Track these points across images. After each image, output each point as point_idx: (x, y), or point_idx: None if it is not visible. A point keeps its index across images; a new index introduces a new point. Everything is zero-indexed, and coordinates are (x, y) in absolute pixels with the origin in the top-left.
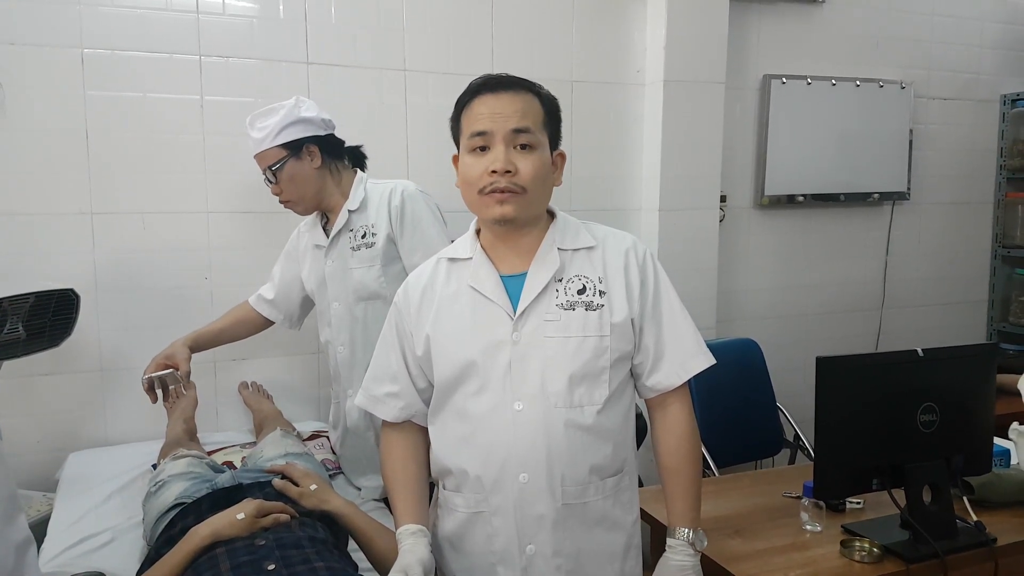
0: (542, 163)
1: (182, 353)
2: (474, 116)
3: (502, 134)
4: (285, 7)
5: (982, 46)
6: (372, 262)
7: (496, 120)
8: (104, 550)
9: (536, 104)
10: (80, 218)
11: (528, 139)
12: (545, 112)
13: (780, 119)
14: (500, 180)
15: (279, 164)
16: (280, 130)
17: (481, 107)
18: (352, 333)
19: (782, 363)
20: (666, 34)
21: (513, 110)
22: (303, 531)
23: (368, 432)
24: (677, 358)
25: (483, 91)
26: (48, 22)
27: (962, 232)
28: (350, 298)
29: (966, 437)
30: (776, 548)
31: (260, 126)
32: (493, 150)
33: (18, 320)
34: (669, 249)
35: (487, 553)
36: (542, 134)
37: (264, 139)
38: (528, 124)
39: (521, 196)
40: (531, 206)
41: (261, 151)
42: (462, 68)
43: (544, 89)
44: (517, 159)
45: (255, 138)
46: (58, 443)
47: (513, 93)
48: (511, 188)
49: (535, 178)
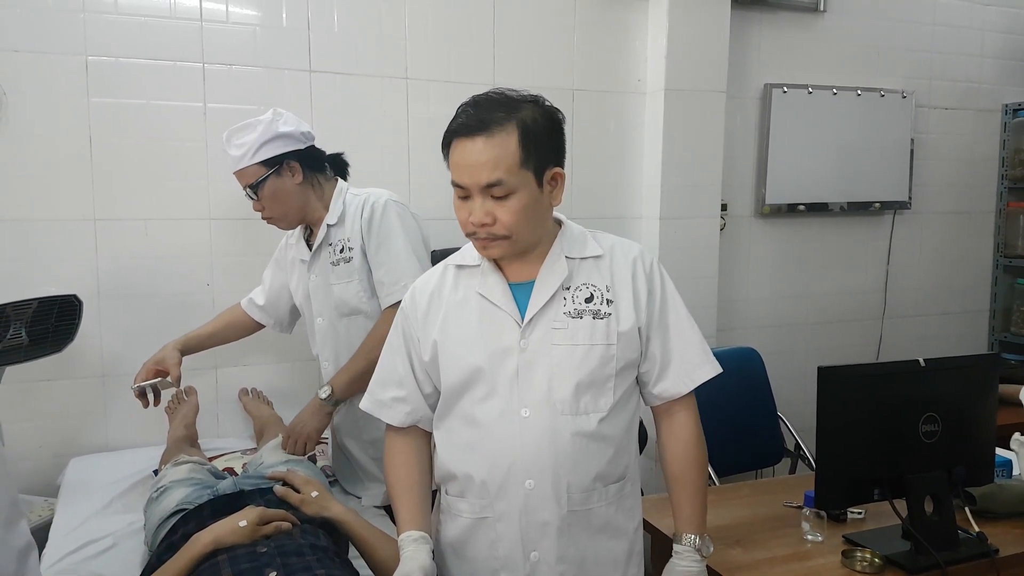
0: (522, 205)
1: (172, 358)
2: (453, 164)
3: (476, 189)
4: (288, 15)
5: (983, 56)
6: (350, 277)
7: (470, 174)
8: (105, 555)
9: (512, 143)
10: (83, 224)
11: (502, 190)
12: (524, 148)
13: (781, 128)
14: (480, 231)
15: (260, 182)
16: (259, 147)
17: (457, 156)
18: (336, 348)
19: (783, 372)
20: (667, 43)
21: (484, 161)
22: (304, 538)
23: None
24: (684, 366)
25: (459, 135)
26: (52, 30)
27: (963, 242)
28: (332, 313)
29: (968, 447)
30: (777, 558)
31: (238, 143)
32: (472, 200)
33: (21, 326)
34: (670, 258)
35: (490, 559)
36: (519, 175)
37: (242, 157)
38: (499, 176)
39: (504, 240)
40: (518, 244)
41: (240, 168)
42: (464, 76)
43: (529, 108)
44: (495, 209)
45: (233, 155)
46: (60, 448)
47: (486, 137)
48: (492, 236)
49: (515, 223)
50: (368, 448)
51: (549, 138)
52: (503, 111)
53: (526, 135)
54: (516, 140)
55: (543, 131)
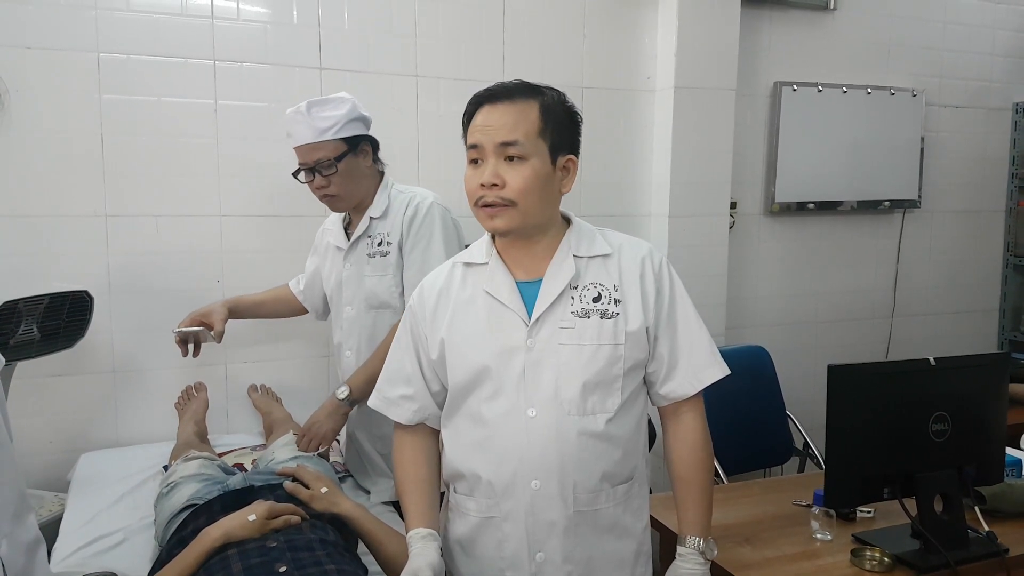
0: (533, 173)
1: (219, 313)
2: (471, 129)
3: (491, 147)
4: (299, 13)
5: (994, 54)
6: (385, 271)
7: (487, 133)
8: (116, 550)
9: (533, 112)
10: (94, 220)
11: (517, 151)
12: (543, 120)
13: (791, 126)
14: (488, 194)
15: (339, 157)
16: (345, 123)
17: (477, 119)
18: (360, 339)
19: (792, 371)
20: (677, 41)
21: (503, 122)
22: (314, 533)
23: (365, 438)
24: (691, 367)
25: (483, 102)
26: (64, 27)
27: (973, 241)
28: (362, 305)
29: (978, 447)
30: (786, 557)
31: (324, 115)
32: (485, 163)
33: (33, 321)
34: (679, 255)
35: (497, 559)
36: (536, 143)
37: (327, 130)
38: (517, 136)
39: (511, 209)
40: (525, 217)
41: (319, 141)
42: (473, 74)
43: (553, 94)
44: (505, 171)
45: (316, 127)
46: (70, 444)
47: (509, 103)
48: (499, 202)
49: (524, 190)
50: (377, 443)
51: (567, 124)
52: (528, 89)
53: (546, 110)
54: (537, 110)
55: (563, 115)
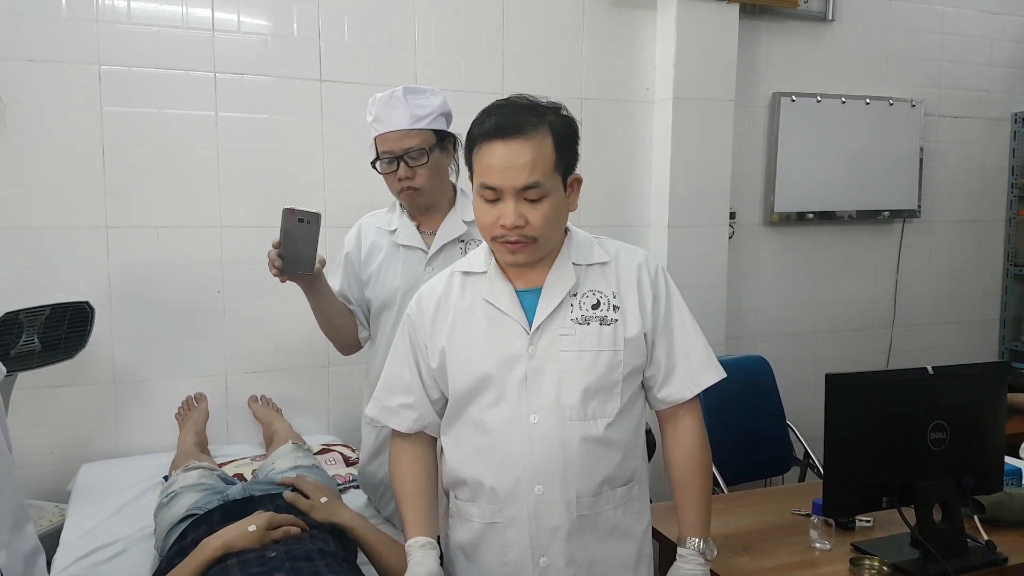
0: (553, 208)
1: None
2: (484, 166)
3: (511, 191)
4: (299, 25)
5: (993, 64)
6: None
7: (505, 176)
8: (116, 561)
9: (548, 145)
10: (95, 232)
11: (538, 192)
12: (556, 150)
13: (790, 136)
14: (510, 234)
15: (431, 147)
16: (439, 115)
17: (491, 157)
18: None
19: (792, 380)
20: (675, 51)
21: (523, 163)
22: (313, 543)
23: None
24: (688, 371)
25: (494, 137)
26: (66, 39)
27: (973, 250)
28: None
29: (977, 456)
30: (785, 566)
31: (422, 103)
32: (503, 203)
33: (33, 332)
34: (678, 265)
35: (500, 564)
36: (553, 178)
37: (423, 118)
38: (537, 178)
39: (532, 244)
40: (543, 249)
41: (414, 129)
42: (473, 86)
43: (558, 112)
44: (527, 211)
45: (414, 114)
46: (71, 454)
47: (524, 139)
48: (522, 240)
49: (545, 226)
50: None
51: (573, 144)
52: (533, 115)
53: (558, 139)
54: (551, 143)
55: (568, 136)
